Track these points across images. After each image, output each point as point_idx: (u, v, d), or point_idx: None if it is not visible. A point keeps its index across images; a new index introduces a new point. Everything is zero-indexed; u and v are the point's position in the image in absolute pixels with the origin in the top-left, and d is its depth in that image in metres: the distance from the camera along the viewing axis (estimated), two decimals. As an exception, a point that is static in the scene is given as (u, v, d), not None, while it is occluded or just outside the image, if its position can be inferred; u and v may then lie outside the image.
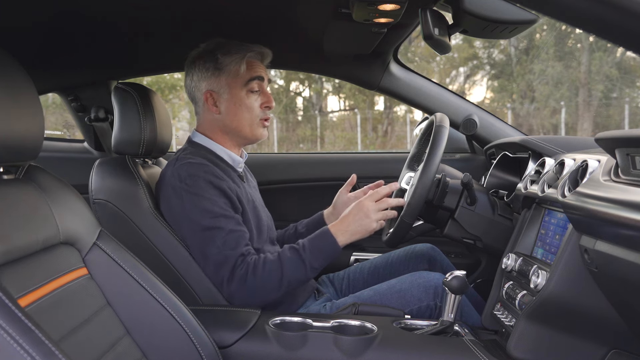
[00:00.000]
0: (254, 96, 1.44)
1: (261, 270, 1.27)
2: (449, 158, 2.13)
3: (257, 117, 1.45)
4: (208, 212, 1.30)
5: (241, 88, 1.43)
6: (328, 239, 1.32)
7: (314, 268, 1.30)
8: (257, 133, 1.47)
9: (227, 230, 1.30)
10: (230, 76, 1.42)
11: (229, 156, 1.47)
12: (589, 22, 0.61)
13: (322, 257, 1.31)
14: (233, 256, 1.28)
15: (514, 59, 14.58)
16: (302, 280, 1.32)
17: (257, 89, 1.44)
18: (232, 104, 1.43)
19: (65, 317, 0.86)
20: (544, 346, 1.09)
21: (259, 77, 1.44)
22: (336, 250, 1.32)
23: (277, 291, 1.29)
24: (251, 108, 1.44)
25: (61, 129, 10.75)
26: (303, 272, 1.29)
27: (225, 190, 1.34)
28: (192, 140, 1.48)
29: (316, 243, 1.32)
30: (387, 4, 1.22)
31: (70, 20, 1.41)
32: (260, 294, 1.29)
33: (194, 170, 1.33)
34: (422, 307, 1.36)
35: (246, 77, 1.42)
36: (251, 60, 1.44)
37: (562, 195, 1.05)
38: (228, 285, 1.28)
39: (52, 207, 0.91)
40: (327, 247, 1.32)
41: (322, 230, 1.35)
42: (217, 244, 1.28)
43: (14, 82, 0.83)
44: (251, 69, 1.44)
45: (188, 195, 1.31)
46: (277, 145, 14.80)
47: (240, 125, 1.45)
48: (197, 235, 1.30)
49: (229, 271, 1.28)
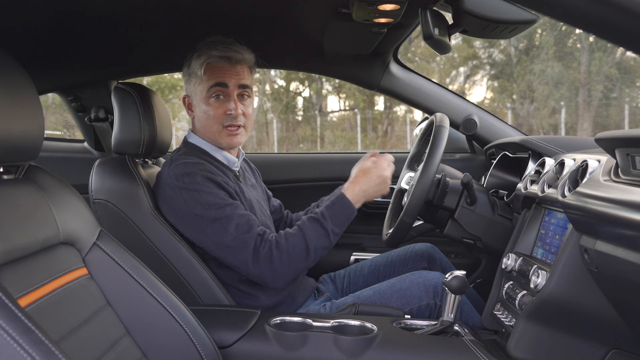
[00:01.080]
0: (216, 102, 1.40)
1: (285, 245, 1.29)
2: (449, 158, 2.13)
3: (221, 124, 1.41)
4: (212, 205, 1.30)
5: (205, 94, 1.41)
6: (344, 203, 1.35)
7: (335, 233, 1.33)
8: (223, 141, 1.44)
9: (236, 216, 1.30)
10: (196, 82, 1.42)
11: (223, 156, 1.47)
12: (589, 22, 0.61)
13: (341, 221, 1.34)
14: (251, 238, 1.29)
15: (514, 59, 14.58)
16: (326, 247, 1.34)
17: (221, 95, 1.40)
18: (198, 109, 1.44)
19: (65, 317, 0.86)
20: (544, 346, 1.09)
21: (220, 83, 1.39)
22: (353, 211, 1.36)
23: (305, 261, 1.30)
24: (212, 115, 1.41)
25: (61, 129, 10.75)
26: (326, 239, 1.32)
27: (221, 184, 1.35)
28: (187, 141, 1.49)
29: (333, 209, 1.34)
30: (387, 4, 1.22)
31: (70, 20, 1.41)
32: (290, 268, 1.30)
33: (189, 168, 1.34)
34: (422, 306, 1.36)
35: (208, 83, 1.40)
36: (214, 65, 1.39)
37: (562, 195, 1.05)
38: (255, 266, 1.28)
39: (52, 207, 0.91)
40: (344, 210, 1.34)
41: (337, 196, 1.37)
42: (230, 232, 1.29)
43: (14, 82, 0.83)
44: (212, 74, 1.39)
45: (188, 193, 1.31)
46: (277, 145, 14.81)
47: (207, 132, 1.44)
48: (208, 228, 1.30)
49: (252, 253, 1.28)
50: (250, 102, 1.47)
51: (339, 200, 1.35)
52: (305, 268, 1.33)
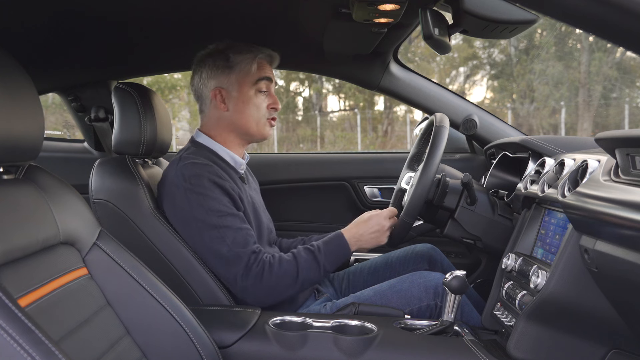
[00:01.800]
0: (262, 96, 1.47)
1: (277, 269, 1.30)
2: (449, 158, 2.13)
3: (264, 116, 1.48)
4: (215, 211, 1.31)
5: (250, 87, 1.45)
6: (341, 244, 1.39)
7: (326, 270, 1.36)
8: (264, 131, 1.50)
9: (235, 228, 1.31)
10: (240, 74, 1.45)
11: (230, 157, 1.48)
12: (589, 22, 0.61)
13: (335, 260, 1.37)
14: (245, 254, 1.30)
15: (514, 59, 14.58)
16: (315, 281, 1.37)
17: (264, 89, 1.47)
18: (241, 102, 1.46)
19: (65, 317, 0.85)
20: (544, 346, 1.09)
21: (268, 77, 1.47)
22: (347, 254, 1.39)
23: (292, 290, 1.32)
24: (259, 107, 1.47)
25: (61, 129, 10.75)
26: (317, 273, 1.34)
27: (227, 190, 1.35)
28: (195, 140, 1.49)
29: (330, 246, 1.38)
30: (387, 4, 1.22)
31: (70, 20, 1.41)
32: (276, 292, 1.31)
33: (198, 170, 1.34)
34: (423, 307, 1.36)
35: (256, 76, 1.45)
36: (261, 61, 1.47)
37: (562, 195, 1.05)
38: (243, 281, 1.30)
39: (52, 207, 0.91)
40: (340, 250, 1.38)
41: (335, 234, 1.41)
42: (227, 242, 1.30)
43: (14, 82, 0.83)
44: (261, 69, 1.46)
45: (193, 195, 1.31)
46: (277, 145, 14.80)
47: (247, 122, 1.47)
48: (206, 234, 1.31)
49: (243, 268, 1.29)
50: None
51: (336, 238, 1.40)
52: (289, 296, 1.34)
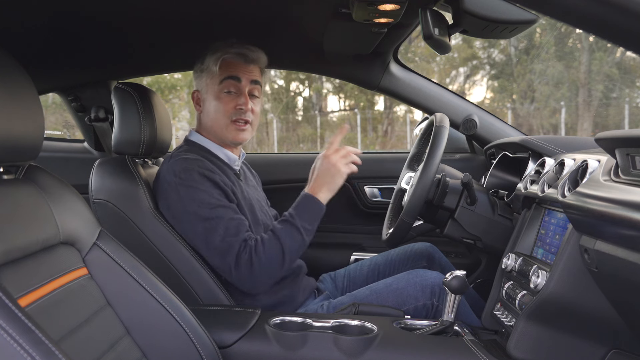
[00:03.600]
0: (228, 97, 1.44)
1: (262, 249, 1.30)
2: (449, 158, 2.13)
3: (229, 118, 1.44)
4: (206, 204, 1.31)
5: (216, 88, 1.44)
6: (309, 199, 1.37)
7: (307, 229, 1.34)
8: (230, 136, 1.46)
9: (226, 218, 1.31)
10: (209, 76, 1.45)
11: (224, 154, 1.48)
12: (589, 22, 0.61)
13: (310, 217, 1.35)
14: (236, 242, 1.30)
15: (514, 59, 14.57)
16: (302, 246, 1.35)
17: (232, 89, 1.43)
18: (208, 104, 1.46)
19: (65, 317, 0.85)
20: (544, 346, 1.09)
21: (233, 77, 1.43)
22: (321, 207, 1.37)
23: (282, 265, 1.32)
24: (222, 109, 1.44)
25: (61, 129, 10.74)
26: (299, 236, 1.33)
27: (218, 183, 1.35)
28: (189, 139, 1.50)
29: (300, 207, 1.36)
30: (387, 4, 1.22)
31: (70, 20, 1.41)
32: (267, 272, 1.31)
33: (187, 164, 1.35)
34: (419, 306, 1.36)
35: (221, 76, 1.43)
36: (230, 60, 1.44)
37: (562, 195, 1.05)
38: (236, 271, 1.30)
39: (52, 207, 0.91)
40: (311, 206, 1.36)
41: (301, 195, 1.40)
42: (219, 233, 1.30)
43: (14, 82, 0.83)
44: (226, 68, 1.43)
45: (184, 189, 1.32)
46: (277, 145, 14.80)
47: (214, 125, 1.46)
48: (199, 227, 1.31)
49: (234, 257, 1.29)
50: (259, 102, 1.50)
51: (302, 198, 1.38)
52: (283, 270, 1.33)
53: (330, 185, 1.39)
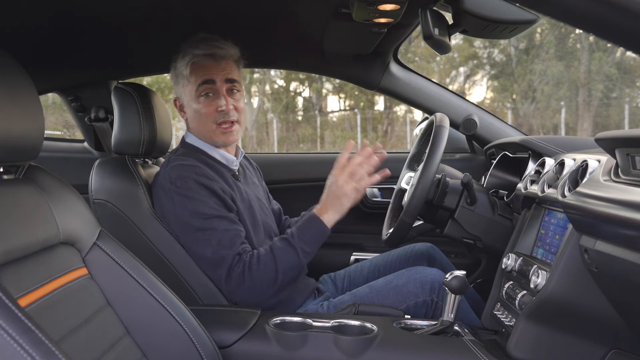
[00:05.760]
0: (207, 100, 1.40)
1: (256, 266, 1.28)
2: (449, 158, 2.13)
3: (214, 122, 1.41)
4: (199, 214, 1.30)
5: (194, 94, 1.41)
6: (314, 221, 1.33)
7: (305, 252, 1.31)
8: (219, 139, 1.43)
9: (220, 230, 1.30)
10: (184, 82, 1.42)
11: (220, 155, 1.47)
12: (589, 22, 0.61)
13: (311, 239, 1.32)
14: (230, 255, 1.29)
15: (514, 59, 14.57)
16: (297, 267, 1.32)
17: (209, 92, 1.40)
18: (190, 110, 1.44)
19: (65, 317, 0.86)
20: (544, 346, 1.09)
21: (207, 80, 1.39)
22: (324, 230, 1.33)
23: (274, 283, 1.30)
24: (204, 114, 1.41)
25: (61, 129, 10.74)
26: (295, 258, 1.30)
27: (216, 191, 1.33)
28: (185, 141, 1.49)
29: (303, 228, 1.33)
30: (387, 4, 1.22)
31: (70, 20, 1.41)
32: (259, 289, 1.29)
33: (184, 171, 1.33)
34: (419, 303, 1.36)
35: (196, 82, 1.40)
36: (200, 63, 1.39)
37: (562, 195, 1.05)
38: (227, 284, 1.30)
39: (52, 207, 0.91)
40: (314, 228, 1.32)
41: (307, 216, 1.36)
42: (212, 244, 1.29)
43: (14, 82, 0.83)
44: (199, 73, 1.39)
45: (178, 197, 1.31)
46: (277, 145, 14.80)
47: (201, 130, 1.44)
48: (191, 236, 1.31)
49: (226, 270, 1.29)
50: (241, 96, 1.46)
51: (308, 218, 1.34)
52: (274, 288, 1.31)
53: (337, 208, 1.33)
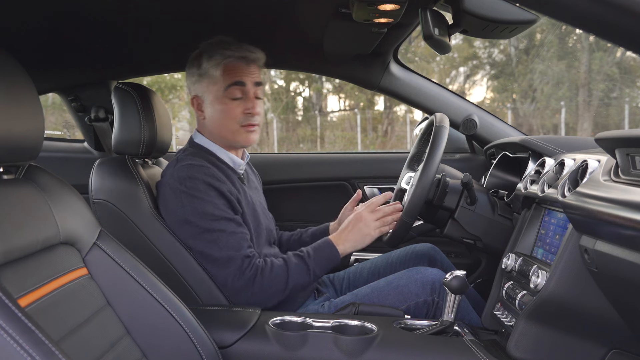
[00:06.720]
0: (235, 102, 1.41)
1: (269, 274, 1.31)
2: (449, 158, 2.13)
3: (239, 123, 1.42)
4: (208, 215, 1.30)
5: (221, 94, 1.41)
6: (331, 248, 1.38)
7: (316, 275, 1.36)
8: (241, 139, 1.44)
9: (228, 232, 1.31)
10: (211, 82, 1.42)
11: (229, 158, 1.47)
12: (589, 22, 0.61)
13: (324, 264, 1.37)
14: (238, 257, 1.30)
15: (514, 59, 14.57)
16: (304, 286, 1.37)
17: (239, 95, 1.41)
18: (214, 110, 1.43)
19: (65, 317, 0.86)
20: (544, 346, 1.09)
21: (239, 82, 1.41)
22: (337, 259, 1.38)
23: (282, 294, 1.32)
24: (231, 115, 1.41)
25: (61, 129, 10.74)
26: (307, 277, 1.34)
27: (224, 192, 1.34)
28: (194, 141, 1.49)
29: (319, 251, 1.37)
30: (387, 4, 1.22)
31: (70, 20, 1.41)
32: (266, 296, 1.31)
33: (193, 172, 1.33)
34: (420, 303, 1.36)
35: (225, 83, 1.40)
36: (232, 65, 1.40)
37: (562, 195, 1.05)
38: (234, 283, 1.30)
39: (52, 207, 0.91)
40: (328, 255, 1.37)
41: (324, 240, 1.40)
42: (219, 246, 1.30)
43: (14, 82, 0.83)
44: (230, 74, 1.40)
45: (187, 198, 1.31)
46: (277, 145, 14.80)
47: (222, 131, 1.44)
48: (198, 237, 1.31)
49: (236, 271, 1.29)
50: (262, 102, 1.48)
51: (325, 244, 1.39)
52: (279, 300, 1.33)
53: (356, 244, 1.40)
